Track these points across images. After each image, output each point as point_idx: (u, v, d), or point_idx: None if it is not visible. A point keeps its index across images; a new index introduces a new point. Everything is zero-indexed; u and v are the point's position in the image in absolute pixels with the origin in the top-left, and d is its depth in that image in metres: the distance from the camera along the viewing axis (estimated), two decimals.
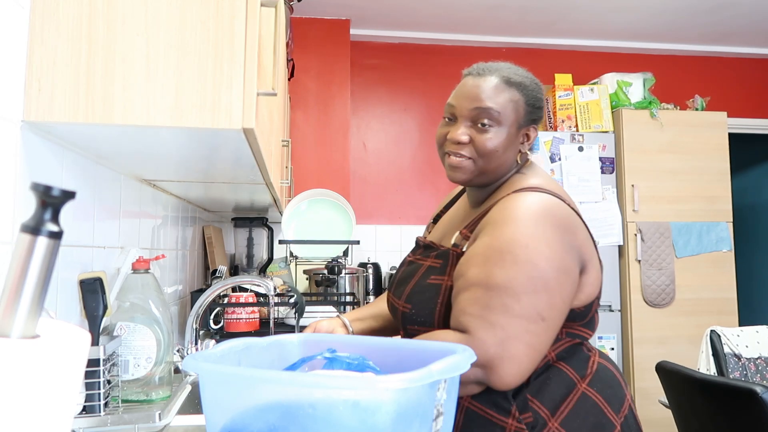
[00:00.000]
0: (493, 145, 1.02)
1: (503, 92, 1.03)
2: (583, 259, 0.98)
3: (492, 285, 0.91)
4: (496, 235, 0.94)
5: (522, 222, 0.93)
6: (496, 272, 0.91)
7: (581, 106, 3.45)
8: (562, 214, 0.97)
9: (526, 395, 0.95)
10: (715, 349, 2.44)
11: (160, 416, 1.08)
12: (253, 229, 3.09)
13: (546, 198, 0.97)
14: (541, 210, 0.95)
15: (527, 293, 0.90)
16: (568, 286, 0.94)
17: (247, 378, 0.64)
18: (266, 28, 1.02)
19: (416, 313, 1.02)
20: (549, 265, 0.91)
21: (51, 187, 0.39)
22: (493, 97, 1.02)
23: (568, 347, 1.01)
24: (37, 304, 0.40)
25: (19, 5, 0.84)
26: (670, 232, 3.38)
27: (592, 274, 1.00)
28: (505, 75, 1.04)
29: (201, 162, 1.25)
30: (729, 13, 3.50)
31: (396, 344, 0.83)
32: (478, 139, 1.03)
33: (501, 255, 0.92)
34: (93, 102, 0.85)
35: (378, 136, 3.81)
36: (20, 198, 0.87)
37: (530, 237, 0.92)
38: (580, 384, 0.98)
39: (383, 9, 3.44)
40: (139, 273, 1.20)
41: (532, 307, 0.90)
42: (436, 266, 1.05)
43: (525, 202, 0.96)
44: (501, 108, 1.02)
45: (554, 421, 0.93)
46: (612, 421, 0.97)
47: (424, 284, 1.03)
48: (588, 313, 1.02)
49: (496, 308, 0.89)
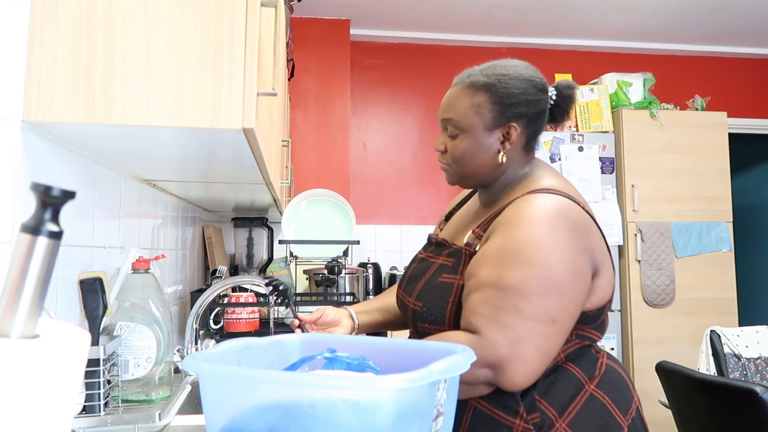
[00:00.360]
0: (459, 152, 1.06)
1: (465, 99, 1.05)
2: (596, 262, 0.98)
3: (504, 286, 0.90)
4: (509, 236, 0.94)
5: (535, 223, 0.93)
6: (508, 273, 0.91)
7: (581, 106, 3.45)
8: (576, 217, 0.97)
9: (534, 396, 0.95)
10: (715, 349, 2.44)
11: (160, 416, 1.08)
12: (253, 229, 3.09)
13: (560, 200, 0.97)
14: (554, 212, 0.95)
15: (539, 295, 0.89)
16: (580, 289, 0.94)
17: (247, 378, 0.64)
18: (266, 28, 1.02)
19: (427, 311, 1.02)
20: (561, 268, 0.91)
21: (51, 187, 0.39)
22: (453, 107, 1.06)
23: (577, 349, 1.01)
24: (37, 304, 0.40)
25: (19, 5, 0.84)
26: (670, 232, 3.38)
27: (605, 278, 1.00)
28: (473, 80, 1.06)
29: (201, 162, 1.25)
30: (729, 13, 3.50)
31: (396, 344, 0.83)
32: (450, 146, 1.08)
33: (513, 256, 0.92)
34: (93, 102, 0.85)
35: (378, 136, 3.81)
36: (20, 198, 0.87)
37: (543, 238, 0.92)
38: (589, 385, 0.98)
39: (383, 9, 3.44)
40: (139, 273, 1.20)
41: (544, 309, 0.89)
42: (448, 265, 1.05)
43: (538, 203, 0.96)
44: (460, 116, 1.05)
45: (562, 422, 0.93)
46: (619, 423, 0.96)
47: (436, 282, 1.03)
48: (600, 316, 1.02)
49: (507, 309, 0.89)
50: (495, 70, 1.06)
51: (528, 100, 1.05)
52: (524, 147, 1.08)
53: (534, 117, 1.06)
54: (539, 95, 1.06)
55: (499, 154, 1.05)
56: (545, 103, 1.07)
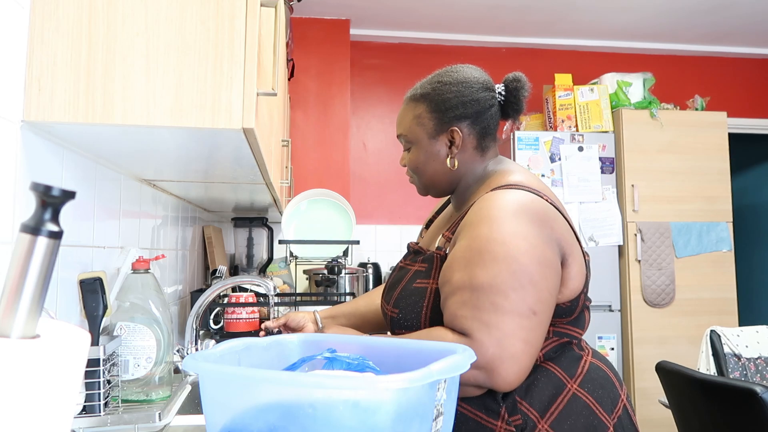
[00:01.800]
0: (414, 164, 1.12)
1: (408, 113, 1.12)
2: (564, 252, 0.98)
3: (476, 286, 0.91)
4: (474, 236, 0.95)
5: (496, 220, 0.94)
6: (478, 272, 0.91)
7: (581, 106, 3.45)
8: (537, 208, 0.97)
9: (515, 397, 0.94)
10: (715, 349, 2.44)
11: (160, 416, 1.07)
12: (253, 229, 3.09)
13: (520, 194, 0.98)
14: (515, 206, 0.96)
15: (514, 289, 0.90)
16: (551, 278, 0.94)
17: (247, 378, 0.64)
18: (266, 28, 1.02)
19: (403, 317, 1.03)
20: (529, 259, 0.91)
21: (51, 187, 0.39)
22: (401, 122, 1.13)
23: (556, 346, 1.00)
24: (37, 304, 0.40)
25: (19, 5, 0.84)
26: (670, 232, 3.38)
27: (574, 267, 0.99)
28: (413, 93, 1.12)
29: (201, 162, 1.25)
30: (728, 13, 3.50)
31: (396, 344, 0.83)
32: (407, 160, 1.14)
33: (480, 255, 0.92)
34: (93, 102, 0.85)
35: (378, 136, 3.81)
36: (20, 198, 0.87)
37: (506, 233, 0.92)
38: (571, 384, 0.97)
39: (383, 9, 3.44)
40: (139, 273, 1.20)
41: (522, 302, 0.90)
42: (422, 270, 1.05)
43: (499, 200, 0.97)
44: (407, 130, 1.12)
45: (544, 423, 0.93)
46: (604, 423, 0.96)
47: (410, 288, 1.04)
48: (574, 309, 1.01)
49: (486, 308, 0.89)
50: (435, 78, 1.11)
51: (464, 101, 1.07)
52: (476, 147, 1.10)
53: (476, 116, 1.08)
54: (477, 94, 1.08)
55: (447, 159, 1.09)
56: (488, 101, 1.09)
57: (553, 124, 3.47)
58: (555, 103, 3.47)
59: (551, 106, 3.51)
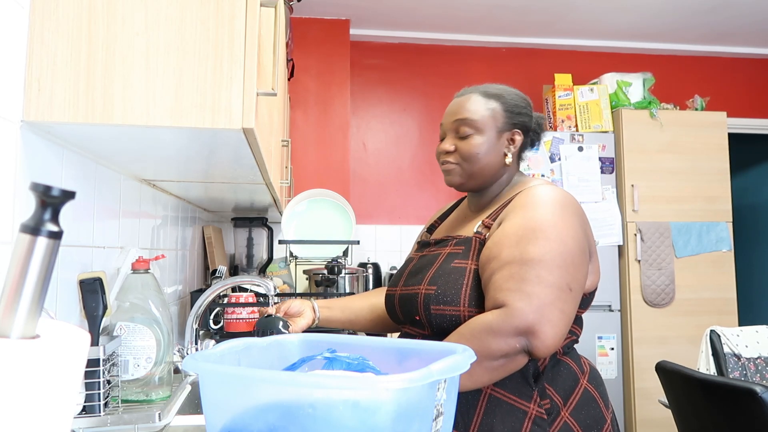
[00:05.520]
0: (472, 150, 1.16)
1: (480, 103, 1.18)
2: (591, 248, 1.11)
3: (527, 260, 0.99)
4: (528, 217, 1.05)
5: (548, 206, 1.06)
6: (530, 248, 1.00)
7: (581, 106, 3.45)
8: (577, 205, 1.10)
9: (544, 383, 1.03)
10: (714, 349, 2.44)
11: (160, 416, 1.07)
12: (253, 229, 3.09)
13: (563, 190, 1.11)
14: (561, 198, 1.08)
15: (558, 266, 0.99)
16: (586, 266, 1.06)
17: (247, 378, 0.64)
18: (266, 28, 1.02)
19: (442, 293, 1.07)
20: (574, 244, 1.03)
21: (51, 187, 0.39)
22: (469, 109, 1.18)
23: (568, 343, 1.11)
24: (36, 304, 0.40)
25: (19, 5, 0.84)
26: (669, 232, 3.38)
27: (594, 264, 1.12)
28: (483, 90, 1.21)
29: (201, 162, 1.25)
30: (728, 13, 3.50)
31: (396, 344, 0.83)
32: (460, 146, 1.18)
33: (534, 233, 1.02)
34: (93, 102, 0.85)
35: (378, 136, 3.81)
36: (20, 198, 0.87)
37: (557, 218, 1.04)
38: (582, 379, 1.08)
39: (383, 9, 3.44)
40: (138, 273, 1.20)
41: (562, 278, 0.99)
42: (458, 252, 1.12)
43: (546, 191, 1.09)
44: (478, 116, 1.17)
45: (565, 411, 1.03)
46: (605, 416, 1.08)
47: (449, 268, 1.10)
48: (587, 303, 1.13)
49: (531, 280, 0.98)
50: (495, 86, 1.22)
51: (527, 113, 1.21)
52: (518, 156, 1.22)
53: (527, 130, 1.21)
54: (532, 112, 1.23)
55: (505, 155, 1.18)
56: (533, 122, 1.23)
57: (553, 124, 3.47)
58: (555, 103, 3.47)
59: (551, 106, 3.51)
